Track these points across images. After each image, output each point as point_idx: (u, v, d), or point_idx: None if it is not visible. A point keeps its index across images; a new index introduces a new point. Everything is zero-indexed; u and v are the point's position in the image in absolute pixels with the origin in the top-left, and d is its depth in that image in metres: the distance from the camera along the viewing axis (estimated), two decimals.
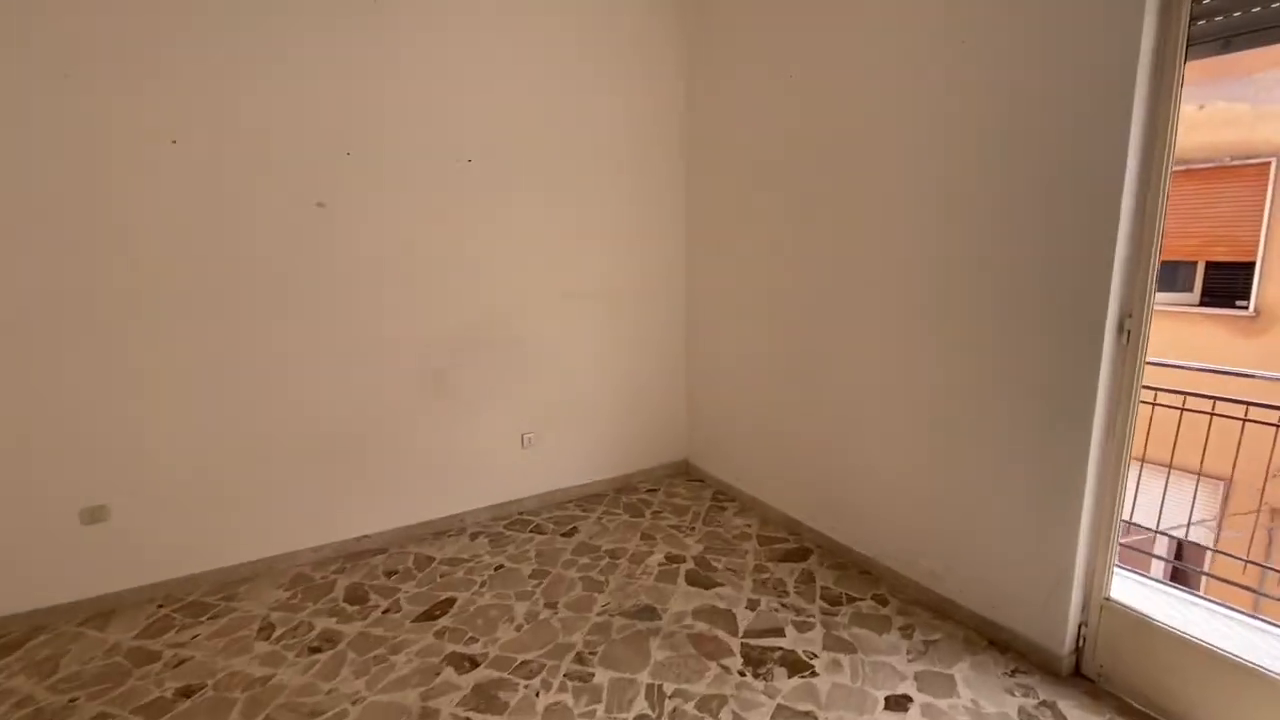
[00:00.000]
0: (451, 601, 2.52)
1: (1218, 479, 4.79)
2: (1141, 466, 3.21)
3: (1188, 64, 1.67)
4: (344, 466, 2.88)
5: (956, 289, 2.22)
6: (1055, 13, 1.85)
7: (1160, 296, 1.84)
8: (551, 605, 2.48)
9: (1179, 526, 5.77)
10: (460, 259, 3.02)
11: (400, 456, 3.01)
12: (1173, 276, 5.92)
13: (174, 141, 2.39)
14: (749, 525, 3.16)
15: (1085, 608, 2.03)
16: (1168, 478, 3.06)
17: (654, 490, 3.62)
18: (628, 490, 3.62)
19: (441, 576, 2.71)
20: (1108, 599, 1.98)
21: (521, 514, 3.32)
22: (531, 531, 3.12)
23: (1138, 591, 2.06)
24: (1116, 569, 2.02)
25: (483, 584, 2.64)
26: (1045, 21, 1.88)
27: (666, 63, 3.45)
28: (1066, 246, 1.90)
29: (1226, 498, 5.43)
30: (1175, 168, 1.78)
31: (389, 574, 2.74)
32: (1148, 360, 1.90)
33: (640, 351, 3.64)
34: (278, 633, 2.34)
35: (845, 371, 2.68)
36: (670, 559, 2.83)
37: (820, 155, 2.68)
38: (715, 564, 2.78)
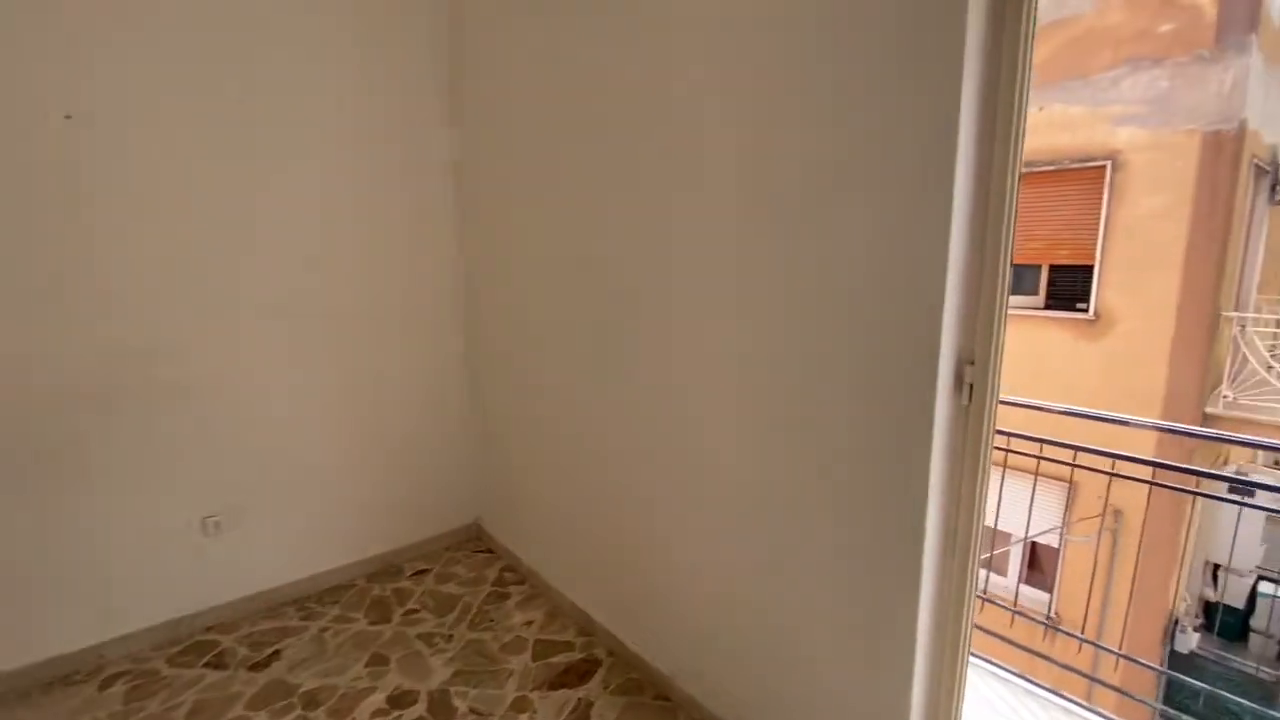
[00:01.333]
0: None
1: (1063, 481, 4.70)
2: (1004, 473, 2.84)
3: None
4: None
5: (766, 341, 1.52)
6: None
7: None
8: None
9: (1043, 532, 5.71)
10: (88, 262, 1.99)
11: None
12: (1019, 278, 5.87)
13: None
14: (530, 623, 2.37)
15: None
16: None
17: (424, 572, 2.74)
18: (388, 574, 2.71)
19: None
20: None
21: (210, 631, 2.33)
22: (206, 665, 2.15)
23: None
24: (971, 659, 1.43)
25: None
26: None
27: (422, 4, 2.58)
28: (871, 265, 1.25)
29: (1071, 501, 5.39)
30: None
31: None
32: (1000, 399, 1.31)
33: (407, 388, 2.75)
34: None
35: (650, 433, 1.94)
36: (395, 700, 1.97)
37: (602, 148, 1.91)
38: (458, 701, 1.96)
